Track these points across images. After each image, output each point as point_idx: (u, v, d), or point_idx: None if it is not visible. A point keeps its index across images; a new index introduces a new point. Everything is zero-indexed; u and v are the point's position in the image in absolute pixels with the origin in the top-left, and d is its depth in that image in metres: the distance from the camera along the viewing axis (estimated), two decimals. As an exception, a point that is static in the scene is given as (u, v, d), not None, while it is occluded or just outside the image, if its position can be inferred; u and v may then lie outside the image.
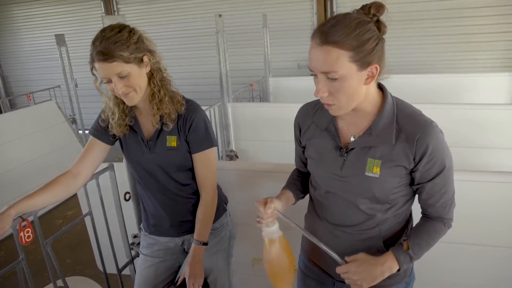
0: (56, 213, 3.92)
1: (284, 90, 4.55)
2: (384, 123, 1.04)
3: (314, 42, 0.95)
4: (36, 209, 1.41)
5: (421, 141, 1.01)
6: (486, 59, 5.06)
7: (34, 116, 4.42)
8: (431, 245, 1.11)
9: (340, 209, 1.15)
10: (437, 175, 1.05)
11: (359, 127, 1.09)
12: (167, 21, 6.36)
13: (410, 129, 1.02)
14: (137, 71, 1.35)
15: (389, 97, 1.07)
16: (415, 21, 5.13)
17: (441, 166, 1.04)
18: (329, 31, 0.92)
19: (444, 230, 1.12)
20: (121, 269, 1.89)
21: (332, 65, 0.93)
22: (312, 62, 0.97)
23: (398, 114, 1.05)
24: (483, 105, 2.83)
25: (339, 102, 0.99)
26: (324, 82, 0.97)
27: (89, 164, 1.52)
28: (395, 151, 1.03)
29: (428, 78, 3.98)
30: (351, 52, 0.92)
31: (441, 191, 1.08)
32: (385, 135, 1.03)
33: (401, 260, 1.06)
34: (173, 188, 1.55)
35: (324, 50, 0.93)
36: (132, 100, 1.38)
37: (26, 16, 7.20)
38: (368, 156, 1.05)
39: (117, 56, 1.28)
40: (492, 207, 1.55)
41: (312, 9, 5.67)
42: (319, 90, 0.98)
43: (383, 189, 1.07)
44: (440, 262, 1.67)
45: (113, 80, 1.31)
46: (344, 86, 0.96)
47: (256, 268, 1.92)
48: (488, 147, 2.77)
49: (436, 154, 1.02)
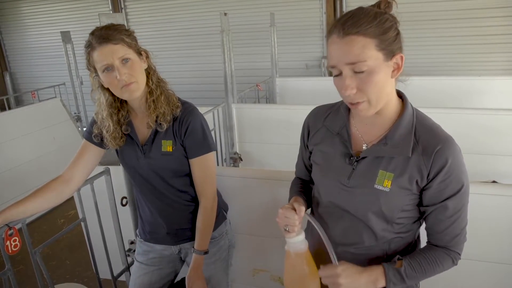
0: (58, 212, 3.88)
1: (291, 91, 4.46)
2: (402, 133, 0.96)
3: (335, 37, 0.89)
4: (26, 216, 1.36)
5: (440, 154, 0.93)
6: (501, 61, 4.93)
7: (38, 114, 4.40)
8: (428, 273, 1.00)
9: (343, 225, 1.07)
10: (450, 197, 0.95)
11: (374, 135, 1.01)
12: (172, 19, 6.31)
13: (429, 141, 0.94)
14: (138, 61, 1.33)
15: (409, 107, 1.00)
16: (427, 21, 5.02)
17: (457, 187, 0.95)
18: (348, 22, 0.87)
19: (448, 263, 1.01)
20: (116, 277, 1.84)
21: (359, 55, 0.86)
22: (334, 58, 0.90)
23: (417, 126, 0.97)
24: (498, 110, 2.71)
25: (368, 98, 0.91)
26: (351, 77, 0.89)
27: (82, 169, 1.47)
28: (410, 164, 0.95)
29: (440, 80, 3.87)
30: (376, 39, 0.87)
31: (452, 218, 0.97)
32: (402, 146, 0.95)
33: (389, 276, 0.97)
34: (170, 194, 1.49)
35: (347, 40, 0.87)
36: (133, 92, 1.32)
37: (33, 13, 7.20)
38: (380, 168, 0.97)
39: (120, 39, 1.27)
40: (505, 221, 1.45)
41: (321, 8, 5.57)
42: (347, 87, 0.89)
43: (391, 205, 0.98)
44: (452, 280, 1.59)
45: (116, 65, 1.27)
46: (373, 79, 0.88)
47: (256, 278, 1.85)
48: (504, 155, 2.66)
49: (453, 172, 0.93)
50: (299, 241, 1.00)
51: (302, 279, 1.02)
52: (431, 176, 0.94)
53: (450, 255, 1.01)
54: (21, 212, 1.32)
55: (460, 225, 0.99)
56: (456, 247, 1.01)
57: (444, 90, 3.71)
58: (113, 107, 1.41)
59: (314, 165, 1.12)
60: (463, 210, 0.98)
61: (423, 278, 1.00)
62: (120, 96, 1.35)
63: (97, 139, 1.44)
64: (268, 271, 1.82)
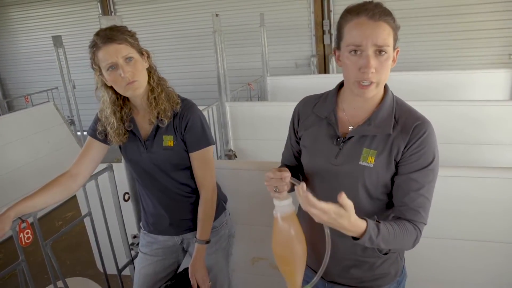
0: (55, 215, 3.92)
1: (282, 89, 4.55)
2: (383, 115, 1.07)
3: (364, 18, 0.98)
4: (36, 210, 1.42)
5: (417, 128, 1.04)
6: (483, 56, 5.08)
7: (32, 118, 4.42)
8: (397, 239, 1.01)
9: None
10: (420, 170, 1.04)
11: (359, 118, 1.11)
12: (164, 22, 6.36)
13: (407, 120, 1.06)
14: (140, 60, 1.40)
15: (390, 93, 1.11)
16: (411, 18, 5.15)
17: (427, 161, 1.04)
18: (378, 9, 0.99)
19: (413, 234, 1.03)
20: (121, 270, 1.89)
21: (387, 40, 0.99)
22: (361, 37, 0.98)
23: (397, 108, 1.09)
24: (481, 101, 2.84)
25: (379, 80, 1.01)
26: (373, 58, 0.99)
27: (88, 165, 1.53)
28: (390, 141, 1.06)
29: (425, 75, 3.99)
30: (394, 31, 1.01)
31: (419, 191, 1.04)
32: (384, 125, 1.06)
33: (369, 227, 0.95)
34: (171, 186, 1.56)
35: (379, 25, 0.98)
36: (136, 90, 1.39)
37: (23, 18, 7.19)
38: (364, 146, 1.07)
39: (124, 39, 1.34)
40: (490, 202, 1.55)
41: (309, 8, 5.68)
42: (371, 66, 0.98)
43: (374, 179, 1.07)
44: (436, 258, 1.68)
45: (120, 63, 1.33)
46: (387, 63, 1.01)
47: (255, 266, 1.93)
48: (486, 143, 2.78)
49: (426, 146, 1.04)
50: (287, 204, 1.01)
51: (289, 243, 1.02)
52: (407, 148, 1.04)
53: (416, 226, 1.04)
54: (32, 206, 1.38)
55: (425, 201, 1.05)
56: (421, 218, 1.05)
57: (428, 85, 3.83)
58: (116, 104, 1.47)
59: (303, 149, 1.21)
60: (429, 187, 1.05)
61: (392, 243, 1.01)
62: (124, 94, 1.42)
63: (101, 135, 1.51)
64: (267, 259, 1.89)
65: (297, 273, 1.08)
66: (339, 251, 1.17)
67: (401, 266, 1.24)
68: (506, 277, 1.62)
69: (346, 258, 1.19)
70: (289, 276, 1.09)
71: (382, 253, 1.16)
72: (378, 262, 1.18)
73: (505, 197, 1.52)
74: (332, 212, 0.89)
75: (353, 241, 0.99)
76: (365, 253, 1.17)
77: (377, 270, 1.19)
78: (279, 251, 1.05)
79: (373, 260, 1.18)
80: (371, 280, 1.20)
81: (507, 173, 1.50)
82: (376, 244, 0.97)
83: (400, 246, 1.05)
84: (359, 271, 1.19)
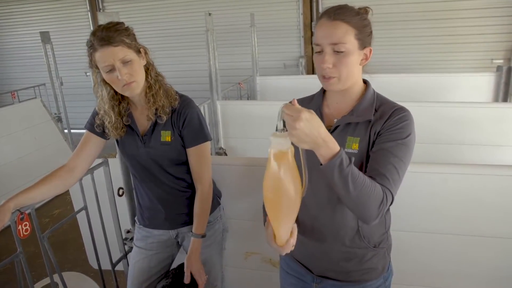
0: (42, 212, 3.87)
1: (271, 89, 4.60)
2: (365, 105, 1.15)
3: (324, 19, 1.08)
4: (35, 202, 1.42)
5: (396, 112, 1.11)
6: (467, 60, 5.23)
7: (18, 115, 4.37)
8: (365, 186, 0.97)
9: (319, 194, 1.18)
10: (393, 141, 1.07)
11: (343, 111, 1.18)
12: (154, 20, 6.34)
13: (386, 108, 1.13)
14: (138, 60, 1.41)
15: (371, 89, 1.19)
16: (397, 22, 5.26)
17: (401, 136, 1.07)
18: (337, 11, 1.07)
19: (380, 193, 1.00)
20: (115, 264, 1.90)
21: (341, 37, 1.06)
22: (320, 37, 1.08)
23: (377, 100, 1.17)
24: (464, 103, 2.93)
25: (340, 75, 1.09)
26: (330, 54, 1.07)
27: (85, 158, 1.55)
28: (369, 127, 1.12)
29: (410, 77, 4.08)
30: (356, 30, 1.07)
31: (389, 159, 1.05)
32: (365, 114, 1.14)
33: (343, 152, 0.94)
34: (168, 181, 1.58)
35: (335, 24, 1.06)
36: (133, 90, 1.41)
37: (8, 13, 7.07)
38: (348, 135, 1.14)
39: (120, 40, 1.34)
40: (477, 198, 1.61)
41: (298, 10, 5.74)
42: (326, 61, 1.07)
43: (359, 165, 1.11)
44: (423, 253, 1.73)
45: (117, 66, 1.35)
46: (347, 60, 1.08)
47: (248, 261, 1.96)
48: (469, 144, 2.87)
49: (403, 123, 1.09)
50: (281, 141, 0.90)
51: (278, 184, 0.92)
52: (384, 125, 1.10)
53: (382, 189, 1.01)
54: (30, 198, 1.39)
55: (393, 171, 1.04)
56: (390, 185, 1.03)
57: (414, 87, 3.92)
58: (115, 99, 1.50)
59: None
60: (400, 162, 1.05)
61: (359, 187, 0.96)
62: (122, 93, 1.45)
63: (99, 129, 1.53)
64: (260, 253, 1.93)
65: (283, 222, 1.00)
66: (327, 241, 1.21)
67: (388, 262, 1.29)
68: (496, 271, 1.68)
69: (334, 250, 1.22)
70: (276, 225, 1.02)
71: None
72: (367, 256, 1.22)
73: (493, 193, 1.58)
74: (304, 113, 0.87)
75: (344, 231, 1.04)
76: (353, 243, 1.20)
77: (365, 264, 1.22)
78: (270, 191, 0.95)
79: (362, 252, 1.21)
80: (359, 274, 1.23)
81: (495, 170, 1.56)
82: (344, 177, 0.94)
83: (366, 198, 0.97)
84: (348, 264, 1.22)
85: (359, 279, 1.24)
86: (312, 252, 1.26)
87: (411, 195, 1.63)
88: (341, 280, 1.25)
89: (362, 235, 1.19)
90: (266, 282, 1.93)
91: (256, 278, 1.99)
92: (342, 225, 1.19)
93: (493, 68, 4.17)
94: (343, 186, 0.96)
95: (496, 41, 5.07)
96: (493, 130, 2.83)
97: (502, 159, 2.82)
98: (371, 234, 1.21)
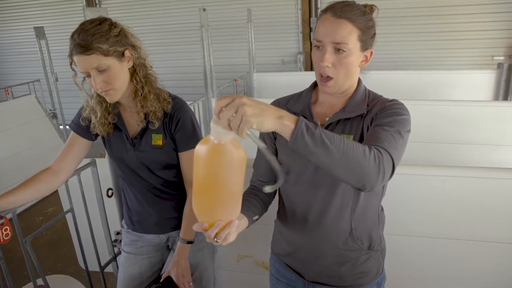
0: (36, 210, 3.84)
1: (268, 85, 4.55)
2: (357, 101, 1.12)
3: (329, 15, 1.03)
4: (16, 206, 1.38)
5: (390, 102, 1.08)
6: (468, 57, 5.17)
7: (13, 111, 4.32)
8: (347, 146, 0.85)
9: (310, 194, 1.14)
10: (388, 117, 1.02)
11: (335, 108, 1.15)
12: (150, 15, 6.28)
13: (379, 102, 1.10)
14: (118, 66, 1.31)
15: (362, 85, 1.16)
16: (396, 18, 5.20)
17: (398, 113, 1.03)
18: (344, 8, 1.02)
19: (367, 150, 0.87)
20: (103, 267, 1.87)
21: (345, 37, 1.01)
22: (323, 33, 1.03)
23: (369, 96, 1.14)
24: (464, 101, 2.88)
25: (337, 77, 1.06)
26: (330, 53, 1.03)
27: (71, 161, 1.49)
28: (361, 122, 1.09)
29: (409, 74, 4.03)
30: (360, 31, 1.03)
31: (383, 130, 0.98)
32: (357, 109, 1.10)
33: (301, 121, 0.83)
34: (158, 185, 1.53)
35: (340, 22, 1.01)
36: (112, 97, 1.34)
37: (3, 7, 6.99)
38: (341, 133, 1.10)
39: (95, 48, 1.24)
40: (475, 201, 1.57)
41: (297, 5, 5.68)
42: (325, 59, 1.03)
43: None
44: (418, 257, 1.70)
45: (92, 74, 1.28)
46: (347, 61, 1.04)
47: (240, 264, 1.92)
48: (469, 143, 2.83)
49: (398, 105, 1.06)
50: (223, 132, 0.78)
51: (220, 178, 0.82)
52: (377, 114, 1.06)
53: (370, 148, 0.89)
54: (11, 202, 1.34)
55: (391, 136, 0.96)
56: (377, 145, 0.93)
57: (413, 84, 3.88)
58: (102, 97, 1.43)
59: (280, 147, 1.20)
60: (399, 132, 0.98)
61: (342, 145, 0.84)
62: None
63: (85, 130, 1.47)
64: (252, 257, 1.89)
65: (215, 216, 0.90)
66: (319, 244, 1.18)
67: (382, 266, 1.25)
68: (494, 276, 1.65)
69: (327, 253, 1.18)
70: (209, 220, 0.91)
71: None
72: (361, 259, 1.19)
73: (489, 196, 1.54)
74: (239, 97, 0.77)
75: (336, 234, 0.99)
76: (346, 245, 1.16)
77: (359, 268, 1.19)
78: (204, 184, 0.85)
79: (355, 255, 1.18)
80: (353, 279, 1.20)
81: (492, 173, 1.52)
82: (319, 139, 0.82)
83: (355, 154, 0.85)
84: (341, 268, 1.19)
85: (353, 284, 1.21)
86: (303, 257, 1.23)
87: (406, 197, 1.59)
88: (334, 285, 1.21)
89: (355, 236, 1.16)
90: (258, 285, 1.89)
91: (248, 281, 1.95)
92: (334, 227, 1.15)
93: (494, 65, 4.12)
94: (324, 151, 0.82)
95: (497, 38, 5.01)
96: (493, 129, 2.78)
97: (502, 159, 2.78)
98: (365, 235, 1.18)
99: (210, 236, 0.93)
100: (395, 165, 0.92)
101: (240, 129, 0.76)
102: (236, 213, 0.94)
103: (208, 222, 0.91)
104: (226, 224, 0.92)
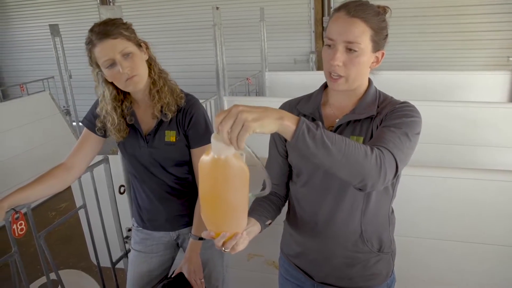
0: (49, 205, 3.89)
1: (280, 84, 4.54)
2: (367, 102, 1.10)
3: (342, 13, 1.01)
4: (29, 202, 1.39)
5: (399, 106, 1.06)
6: (482, 57, 5.08)
7: (27, 107, 4.38)
8: (348, 146, 0.84)
9: (320, 196, 1.14)
10: (397, 119, 1.00)
11: (345, 110, 1.13)
12: (163, 13, 6.30)
13: (389, 104, 1.09)
14: (139, 54, 1.36)
15: (373, 86, 1.14)
16: (410, 18, 5.14)
17: (407, 116, 1.01)
18: (358, 7, 1.00)
19: (369, 150, 0.86)
20: (115, 263, 1.88)
21: (358, 37, 1.00)
22: (335, 32, 1.02)
23: (380, 97, 1.13)
24: (479, 103, 2.84)
25: (348, 75, 1.04)
26: (342, 52, 1.02)
27: (84, 157, 1.51)
28: (371, 124, 1.07)
29: (423, 75, 3.99)
30: (373, 31, 1.01)
31: (390, 131, 0.97)
32: (367, 110, 1.09)
33: (302, 121, 0.81)
34: (169, 182, 1.54)
35: (353, 21, 1.00)
36: (136, 84, 1.36)
37: (19, 5, 7.09)
38: (351, 134, 1.09)
39: (118, 33, 1.29)
40: (484, 205, 1.55)
41: (310, 4, 5.65)
42: (336, 58, 1.01)
43: None
44: (427, 259, 1.68)
45: (117, 59, 1.30)
46: (359, 61, 1.02)
47: (250, 263, 1.92)
48: (483, 145, 2.79)
49: (408, 107, 1.05)
50: (225, 147, 0.78)
51: (218, 189, 0.83)
52: (387, 115, 1.05)
53: (372, 148, 0.88)
54: (25, 198, 1.36)
55: (396, 137, 0.95)
56: (379, 145, 0.92)
57: (426, 85, 3.84)
58: (117, 99, 1.44)
59: (289, 148, 1.19)
60: (406, 134, 0.97)
61: (343, 145, 0.84)
62: (125, 89, 1.39)
63: (100, 132, 1.49)
64: (263, 256, 1.89)
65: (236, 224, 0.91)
66: (329, 246, 1.17)
67: (392, 268, 1.24)
68: (504, 280, 1.63)
69: (336, 255, 1.17)
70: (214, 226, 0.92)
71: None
72: (371, 261, 1.18)
73: (500, 199, 1.52)
74: (235, 107, 0.77)
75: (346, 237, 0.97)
76: (356, 247, 1.15)
77: (369, 270, 1.18)
78: (205, 196, 0.86)
79: (365, 257, 1.17)
80: (362, 281, 1.19)
81: (504, 176, 1.50)
82: (320, 140, 0.81)
83: (356, 154, 0.84)
84: (351, 270, 1.18)
85: (362, 286, 1.20)
86: (313, 258, 1.22)
87: (417, 199, 1.58)
88: (343, 287, 1.21)
89: (365, 238, 1.15)
90: (268, 284, 1.89)
91: (258, 280, 1.95)
92: (344, 229, 1.14)
93: (509, 66, 4.05)
94: (325, 152, 0.81)
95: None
96: (508, 131, 2.74)
97: (517, 161, 2.73)
98: (375, 237, 1.16)
99: (218, 245, 0.95)
100: (399, 166, 0.91)
101: (240, 136, 0.76)
102: (242, 225, 0.93)
103: (214, 232, 0.92)
104: (232, 235, 0.93)
